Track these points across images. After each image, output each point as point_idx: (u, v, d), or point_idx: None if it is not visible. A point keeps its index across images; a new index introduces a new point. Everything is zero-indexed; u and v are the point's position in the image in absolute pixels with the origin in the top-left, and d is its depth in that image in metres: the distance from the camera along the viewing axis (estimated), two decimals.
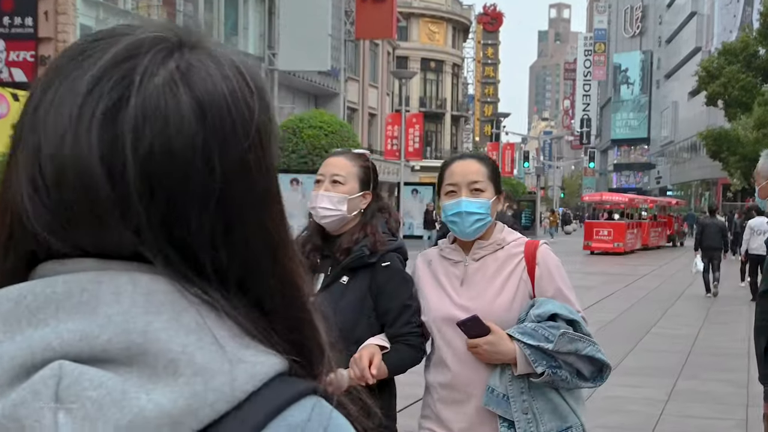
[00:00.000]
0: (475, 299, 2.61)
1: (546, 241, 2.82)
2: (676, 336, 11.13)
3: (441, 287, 2.69)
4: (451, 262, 2.71)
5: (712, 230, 16.50)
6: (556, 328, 2.47)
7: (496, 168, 2.80)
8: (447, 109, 68.21)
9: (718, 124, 43.37)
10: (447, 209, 2.66)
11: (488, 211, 2.64)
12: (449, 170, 2.74)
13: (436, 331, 2.67)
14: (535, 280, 2.62)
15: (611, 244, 31.05)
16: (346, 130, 27.38)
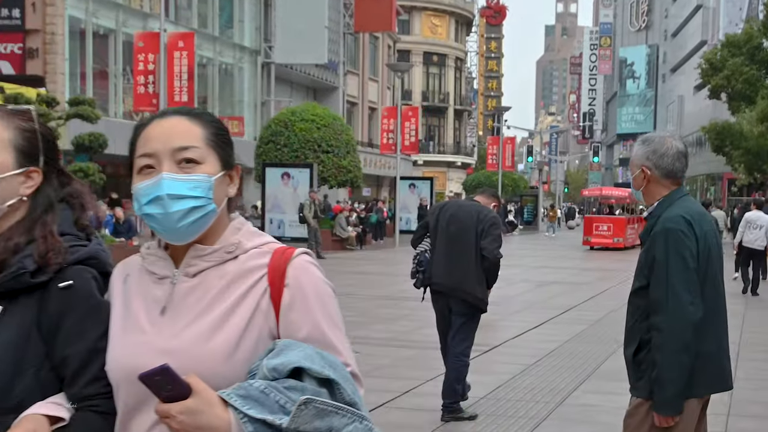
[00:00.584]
0: (179, 337, 1.64)
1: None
2: None
3: (132, 318, 1.70)
4: (154, 278, 1.73)
5: None
6: (299, 392, 1.52)
7: (223, 129, 1.75)
8: (450, 103, 67.68)
9: (723, 118, 42.70)
10: (140, 194, 1.66)
11: (208, 195, 1.66)
12: (144, 135, 1.70)
13: (119, 392, 1.67)
14: (281, 311, 1.67)
15: (611, 239, 30.51)
16: (339, 123, 26.89)
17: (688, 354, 3.11)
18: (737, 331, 11.11)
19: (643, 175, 3.36)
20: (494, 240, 6.46)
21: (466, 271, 6.43)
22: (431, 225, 6.74)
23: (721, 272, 3.36)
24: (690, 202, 3.35)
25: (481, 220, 6.47)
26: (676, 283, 3.13)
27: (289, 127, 26.00)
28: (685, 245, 3.17)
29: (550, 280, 18.19)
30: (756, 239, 15.75)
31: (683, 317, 3.10)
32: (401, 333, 10.51)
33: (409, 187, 33.46)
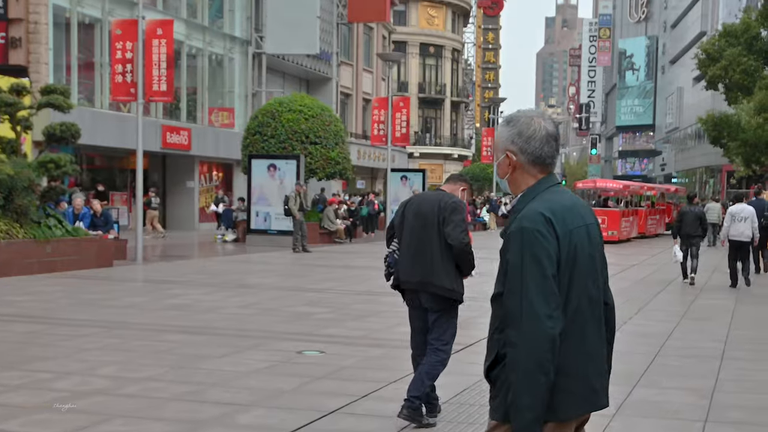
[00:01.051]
0: None
1: None
2: (647, 334, 10.15)
3: None
4: None
5: (690, 218, 16.19)
6: None
7: None
8: (447, 95, 67.15)
9: (722, 109, 42.20)
10: None
11: None
12: None
13: None
14: None
15: (605, 232, 29.98)
16: (328, 114, 26.40)
17: (545, 374, 2.62)
18: (724, 329, 10.68)
19: (508, 162, 2.85)
20: (457, 225, 6.10)
21: (431, 264, 6.12)
22: (397, 223, 6.43)
23: (597, 276, 2.83)
24: (557, 195, 2.81)
25: (442, 207, 6.12)
26: (532, 292, 2.63)
27: (276, 118, 25.52)
28: (542, 247, 2.67)
29: None
30: (742, 232, 15.79)
31: (539, 332, 2.61)
32: (373, 331, 10.06)
33: (401, 179, 32.94)
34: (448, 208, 6.11)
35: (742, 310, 12.59)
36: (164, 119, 32.11)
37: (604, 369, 2.83)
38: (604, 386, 2.83)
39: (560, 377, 2.67)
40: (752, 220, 15.97)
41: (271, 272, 16.86)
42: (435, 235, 6.12)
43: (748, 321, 11.54)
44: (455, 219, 6.09)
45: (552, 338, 2.61)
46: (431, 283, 6.11)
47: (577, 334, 2.72)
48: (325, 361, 8.19)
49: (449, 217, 6.08)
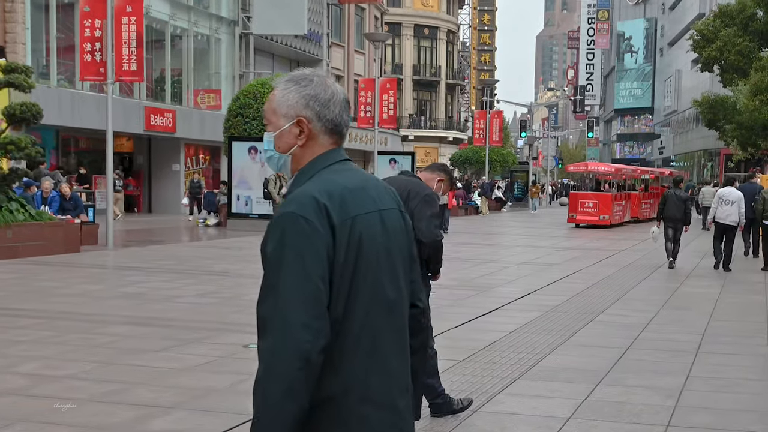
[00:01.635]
0: None
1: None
2: (622, 325, 9.60)
3: None
4: None
5: (674, 201, 16.03)
6: None
7: None
8: (441, 77, 66.44)
9: (721, 92, 41.54)
10: None
11: None
12: None
13: None
14: None
15: (597, 216, 29.49)
16: None
17: (295, 401, 2.03)
18: (704, 319, 10.13)
19: (299, 131, 2.27)
20: (429, 220, 5.60)
21: None
22: None
23: (396, 274, 2.26)
24: (341, 174, 2.24)
25: (411, 198, 5.56)
26: (288, 295, 2.07)
27: (258, 99, 24.88)
28: (308, 240, 2.10)
29: (520, 261, 17.18)
30: (728, 215, 15.73)
31: (290, 345, 2.03)
32: None
33: (390, 162, 32.30)
34: (418, 200, 5.59)
35: (726, 299, 12.04)
36: (148, 101, 31.51)
37: (406, 385, 2.27)
38: (409, 405, 2.27)
39: (350, 401, 2.11)
40: (739, 205, 15.76)
41: (243, 258, 16.31)
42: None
43: (730, 311, 10.99)
44: (426, 213, 5.59)
45: (305, 354, 2.02)
46: None
47: (367, 347, 2.15)
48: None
49: (421, 212, 5.56)
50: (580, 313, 10.45)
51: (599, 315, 10.33)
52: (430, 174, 6.06)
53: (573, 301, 11.50)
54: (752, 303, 11.75)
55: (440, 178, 6.08)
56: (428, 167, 6.25)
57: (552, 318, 10.01)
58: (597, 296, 12.01)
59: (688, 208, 16.07)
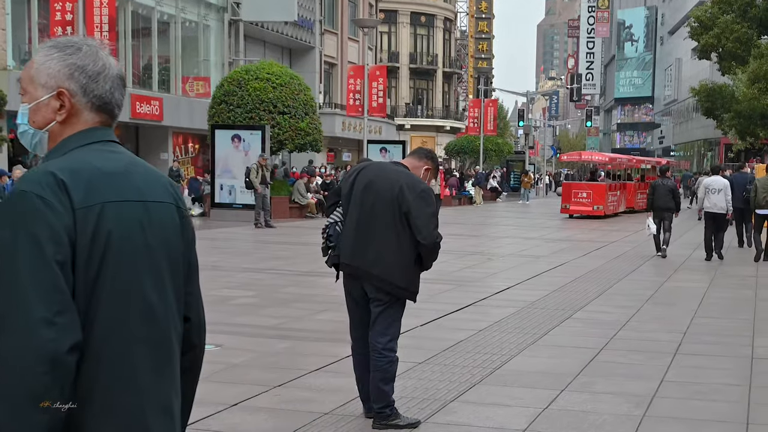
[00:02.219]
0: None
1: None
2: (600, 323, 9.06)
3: None
4: None
5: (662, 191, 16.11)
6: None
7: None
8: (438, 66, 65.71)
9: (721, 81, 40.87)
10: None
11: None
12: None
13: None
14: None
15: (590, 207, 28.90)
16: (297, 83, 25.16)
17: (42, 411, 1.69)
18: (688, 317, 9.58)
19: (59, 104, 1.91)
20: (429, 220, 5.11)
21: (381, 254, 5.14)
22: (344, 191, 5.36)
23: (161, 278, 1.91)
24: (99, 154, 1.88)
25: (404, 192, 5.10)
26: (24, 285, 1.72)
27: (242, 86, 24.31)
28: (44, 222, 1.75)
29: (505, 253, 16.63)
30: (716, 203, 15.74)
31: (32, 345, 1.70)
32: (290, 320, 8.96)
33: (381, 151, 31.73)
34: (414, 196, 5.11)
35: (714, 295, 11.48)
36: (134, 88, 30.92)
37: (166, 406, 1.90)
38: (169, 427, 1.91)
39: (88, 415, 1.79)
40: (725, 192, 15.75)
41: (219, 249, 15.77)
42: (390, 222, 5.14)
43: (717, 307, 10.43)
44: (426, 212, 5.12)
45: (50, 355, 1.70)
46: (377, 276, 5.15)
47: (112, 356, 1.82)
48: (215, 357, 7.08)
49: (419, 209, 5.09)
50: (557, 309, 9.90)
51: (577, 311, 9.78)
52: (417, 161, 5.50)
53: (552, 296, 10.95)
54: (741, 298, 11.19)
55: (427, 167, 5.55)
56: (414, 153, 5.69)
57: (527, 315, 9.46)
58: (579, 291, 11.46)
59: (676, 196, 16.16)
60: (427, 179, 5.55)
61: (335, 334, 7.86)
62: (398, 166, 5.51)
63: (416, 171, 5.47)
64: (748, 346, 8.03)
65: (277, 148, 24.43)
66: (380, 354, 5.19)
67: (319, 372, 6.67)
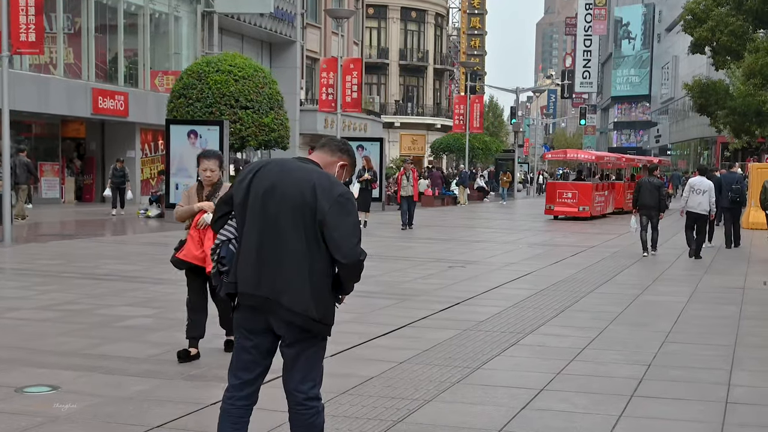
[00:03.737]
0: None
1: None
2: (551, 350, 7.58)
3: None
4: None
5: (648, 189, 16.04)
6: None
7: None
8: (429, 62, 64.28)
9: (715, 77, 39.36)
10: None
11: None
12: None
13: None
14: None
15: (576, 207, 27.43)
16: (262, 76, 23.63)
17: None
18: (658, 341, 8.08)
19: None
20: (351, 232, 3.85)
21: (291, 278, 3.89)
22: (237, 199, 4.02)
23: None
24: None
25: (319, 198, 3.82)
26: None
27: (202, 79, 22.80)
28: None
29: (471, 259, 15.12)
30: (699, 204, 15.75)
31: None
32: (175, 348, 7.45)
33: (357, 149, 30.23)
34: (330, 202, 3.85)
35: (692, 312, 9.98)
36: (98, 82, 29.43)
37: None
38: None
39: None
40: (710, 194, 15.82)
41: (149, 257, 14.27)
42: (300, 236, 3.89)
43: (693, 328, 8.93)
44: (348, 222, 3.86)
45: None
46: (288, 308, 3.86)
47: None
48: (41, 405, 5.60)
49: (337, 220, 3.85)
50: (506, 331, 8.41)
51: (528, 335, 8.29)
52: (330, 156, 4.11)
53: (505, 314, 9.45)
54: (723, 316, 9.69)
55: (342, 162, 4.09)
56: (325, 146, 4.18)
57: (466, 340, 7.97)
58: (538, 307, 9.96)
59: (662, 195, 16.06)
60: (342, 178, 4.11)
61: (221, 370, 6.38)
62: (306, 163, 4.07)
63: (329, 168, 4.05)
64: (724, 384, 6.54)
65: (240, 145, 22.92)
66: (303, 406, 3.96)
67: (162, 431, 5.17)
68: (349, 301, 9.14)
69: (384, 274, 12.69)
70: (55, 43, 28.77)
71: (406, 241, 18.85)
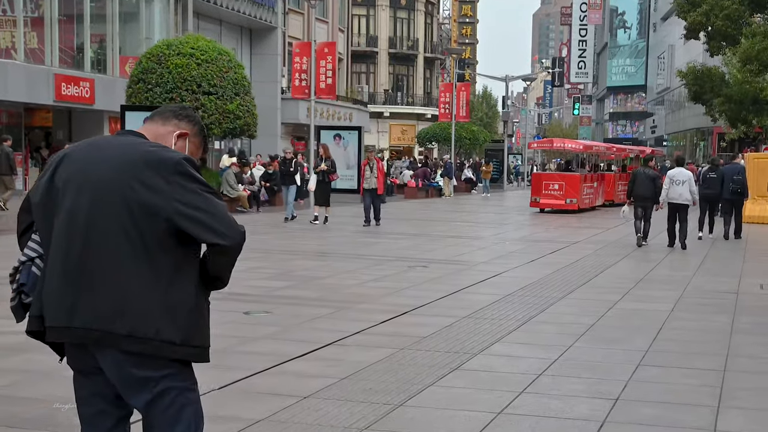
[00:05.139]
0: None
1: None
2: (497, 378, 6.18)
3: None
4: None
5: (642, 179, 15.99)
6: None
7: None
8: (419, 51, 62.77)
9: (710, 64, 37.88)
10: None
11: None
12: None
13: None
14: None
15: (563, 200, 26.03)
16: (226, 59, 22.16)
17: None
18: (632, 362, 6.69)
19: None
20: (213, 203, 2.78)
21: (121, 293, 2.71)
22: (35, 200, 2.85)
23: None
24: None
25: (149, 178, 2.73)
26: None
27: (162, 63, 21.36)
28: None
29: (437, 258, 13.70)
30: (680, 195, 15.75)
31: None
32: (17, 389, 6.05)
33: (335, 138, 28.78)
34: (169, 177, 2.73)
35: (677, 323, 8.57)
36: (62, 68, 27.95)
37: None
38: None
39: None
40: (690, 184, 15.87)
41: None
42: (131, 232, 2.73)
43: (676, 346, 7.52)
44: (203, 192, 2.77)
45: None
46: (120, 335, 2.69)
47: None
48: None
49: (188, 195, 2.73)
50: (450, 351, 7.01)
51: (476, 356, 6.88)
52: (161, 126, 2.95)
53: (456, 327, 8.05)
54: (711, 329, 8.28)
55: (181, 132, 2.94)
56: (155, 114, 2.99)
57: (398, 364, 6.56)
58: (497, 318, 8.56)
59: (657, 186, 15.95)
60: (186, 149, 2.96)
61: None
62: (128, 137, 2.84)
63: (164, 141, 2.90)
64: (708, 430, 5.13)
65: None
66: None
67: None
68: (274, 310, 7.75)
69: (330, 275, 11.29)
70: (16, 27, 27.35)
71: (371, 236, 17.44)
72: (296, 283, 10.61)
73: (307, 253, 14.21)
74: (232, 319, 8.15)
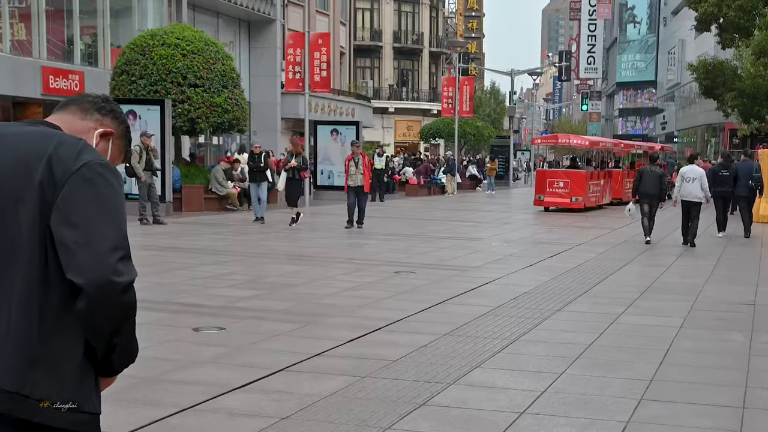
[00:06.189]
0: None
1: None
2: (465, 420, 5.14)
3: None
4: None
5: (649, 177, 15.85)
6: None
7: None
8: (425, 45, 61.66)
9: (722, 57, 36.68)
10: None
11: None
12: None
13: None
14: None
15: (568, 198, 24.96)
16: (214, 50, 21.16)
17: None
18: (634, 397, 5.65)
19: None
20: (98, 228, 1.96)
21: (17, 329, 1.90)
22: None
23: None
24: None
25: (54, 171, 1.97)
26: None
27: (147, 54, 20.39)
28: None
29: (427, 262, 12.65)
30: (691, 192, 15.62)
31: None
32: None
33: (332, 134, 27.89)
34: (67, 175, 1.99)
35: (686, 343, 7.52)
36: (50, 60, 27.00)
37: None
38: None
39: None
40: (701, 181, 15.60)
41: None
42: (31, 243, 1.99)
43: (686, 373, 6.46)
44: (94, 210, 1.99)
45: None
46: (11, 394, 1.82)
47: None
48: None
49: (74, 205, 1.98)
50: (419, 380, 5.98)
51: (449, 387, 5.85)
52: (80, 120, 2.14)
53: (432, 348, 7.02)
54: (725, 351, 7.24)
55: (104, 129, 2.13)
56: (70, 103, 1.99)
57: (353, 399, 5.54)
58: (480, 336, 7.53)
59: (663, 184, 15.95)
60: (108, 153, 2.18)
61: None
62: (39, 126, 1.77)
63: (85, 137, 1.82)
64: None
65: (189, 127, 20.51)
66: None
67: None
68: (230, 325, 6.72)
69: (305, 283, 10.27)
70: (2, 18, 26.44)
71: (361, 237, 16.41)
72: (264, 292, 9.60)
73: (286, 256, 13.19)
74: (178, 336, 7.16)
